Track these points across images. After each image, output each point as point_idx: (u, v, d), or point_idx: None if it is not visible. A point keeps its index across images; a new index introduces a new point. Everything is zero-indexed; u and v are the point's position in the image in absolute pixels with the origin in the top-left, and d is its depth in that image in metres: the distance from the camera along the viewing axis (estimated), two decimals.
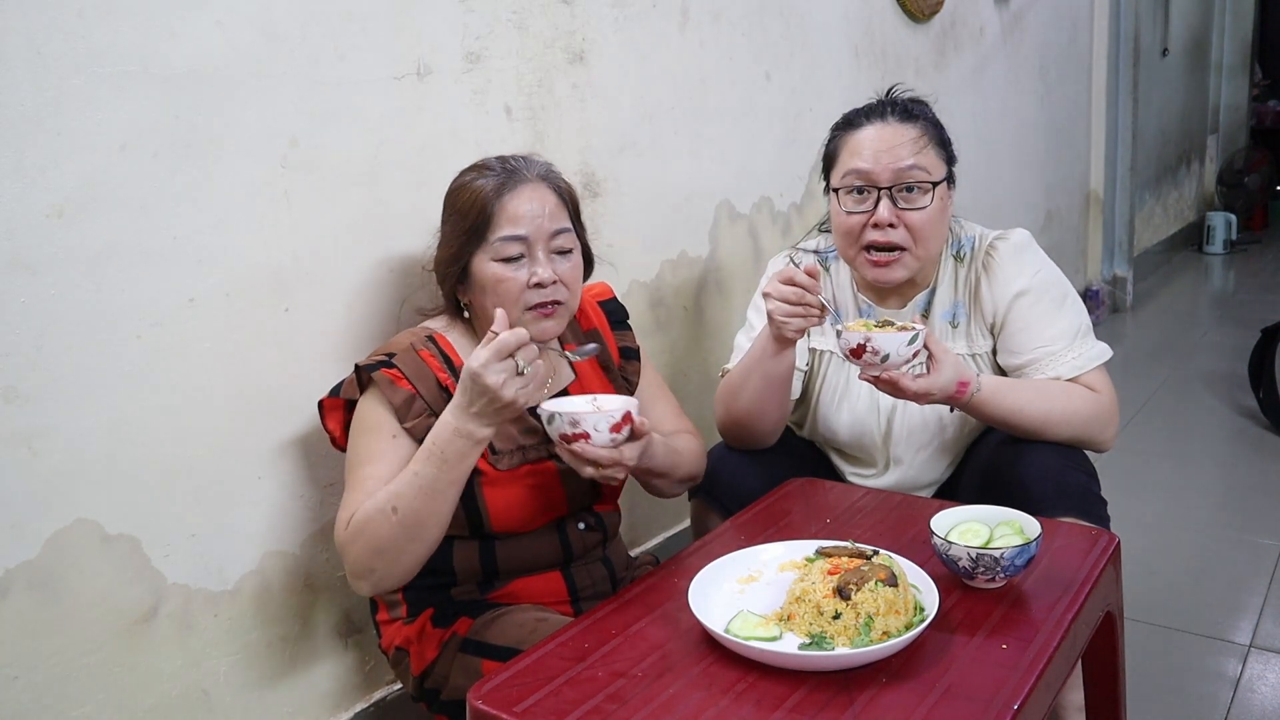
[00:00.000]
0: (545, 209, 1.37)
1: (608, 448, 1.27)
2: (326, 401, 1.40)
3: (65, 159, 1.22)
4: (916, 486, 1.71)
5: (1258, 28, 7.47)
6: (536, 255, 1.36)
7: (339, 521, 1.31)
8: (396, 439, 1.32)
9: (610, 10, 1.98)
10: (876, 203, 1.56)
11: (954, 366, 1.48)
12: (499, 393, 1.18)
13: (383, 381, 1.33)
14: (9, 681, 1.22)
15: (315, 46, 1.47)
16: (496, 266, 1.35)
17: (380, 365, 1.34)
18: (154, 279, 1.31)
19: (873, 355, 1.40)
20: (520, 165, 1.39)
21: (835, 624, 1.10)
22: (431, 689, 1.37)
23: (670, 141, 2.16)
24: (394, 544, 1.24)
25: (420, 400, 1.34)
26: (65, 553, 1.26)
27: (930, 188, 1.56)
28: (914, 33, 3.11)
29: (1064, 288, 1.63)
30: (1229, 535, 2.59)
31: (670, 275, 2.21)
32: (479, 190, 1.36)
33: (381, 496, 1.25)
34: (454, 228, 1.38)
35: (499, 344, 1.18)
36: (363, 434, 1.34)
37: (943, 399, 1.50)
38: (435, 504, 1.24)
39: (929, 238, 1.58)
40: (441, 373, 1.37)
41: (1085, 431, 1.57)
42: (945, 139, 1.64)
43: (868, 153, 1.58)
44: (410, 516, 1.23)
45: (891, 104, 1.64)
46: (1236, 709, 1.87)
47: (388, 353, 1.37)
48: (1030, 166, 4.13)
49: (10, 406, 1.19)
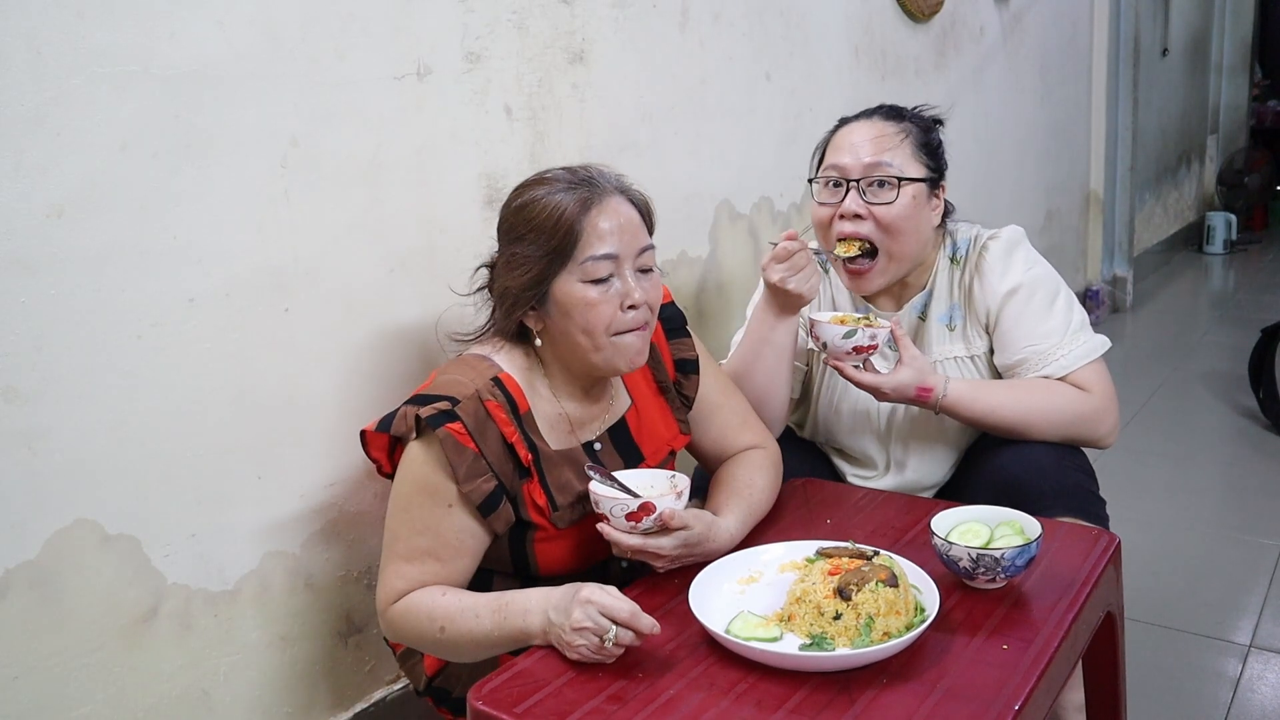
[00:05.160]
0: (631, 224, 1.29)
1: (631, 533, 1.23)
2: (371, 435, 1.31)
3: (65, 159, 1.21)
4: (917, 488, 1.71)
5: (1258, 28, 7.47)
6: (625, 274, 1.27)
7: (386, 586, 1.27)
8: (452, 509, 1.24)
9: (610, 10, 1.98)
10: (845, 194, 1.58)
11: (917, 371, 1.54)
12: (571, 635, 1.10)
13: (446, 440, 1.22)
14: (9, 681, 1.22)
15: (315, 46, 1.46)
16: (586, 289, 1.25)
17: (443, 419, 1.22)
18: (154, 279, 1.31)
19: (816, 340, 1.54)
20: (595, 177, 1.30)
21: (836, 624, 1.11)
22: (442, 688, 1.37)
23: (670, 141, 2.16)
24: (430, 649, 1.28)
25: (483, 461, 1.24)
26: (65, 553, 1.26)
27: (897, 184, 1.56)
28: (914, 33, 3.11)
29: (1056, 284, 1.63)
30: (1229, 535, 2.59)
31: (670, 275, 2.21)
32: (560, 206, 1.25)
33: (438, 610, 1.21)
34: (533, 249, 1.26)
35: (618, 611, 1.09)
36: (418, 493, 1.25)
37: (899, 398, 1.56)
38: (477, 651, 1.23)
39: (900, 233, 1.58)
40: (508, 427, 1.26)
41: (1075, 429, 1.57)
42: (932, 146, 1.64)
43: (845, 146, 1.61)
44: (452, 643, 1.22)
45: (885, 106, 1.66)
46: (1236, 709, 1.87)
47: (450, 396, 1.25)
48: (1030, 166, 4.13)
49: (10, 406, 1.19)
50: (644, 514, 1.23)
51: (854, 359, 1.52)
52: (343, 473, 1.56)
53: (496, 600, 1.19)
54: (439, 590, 1.24)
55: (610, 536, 1.24)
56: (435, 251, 1.63)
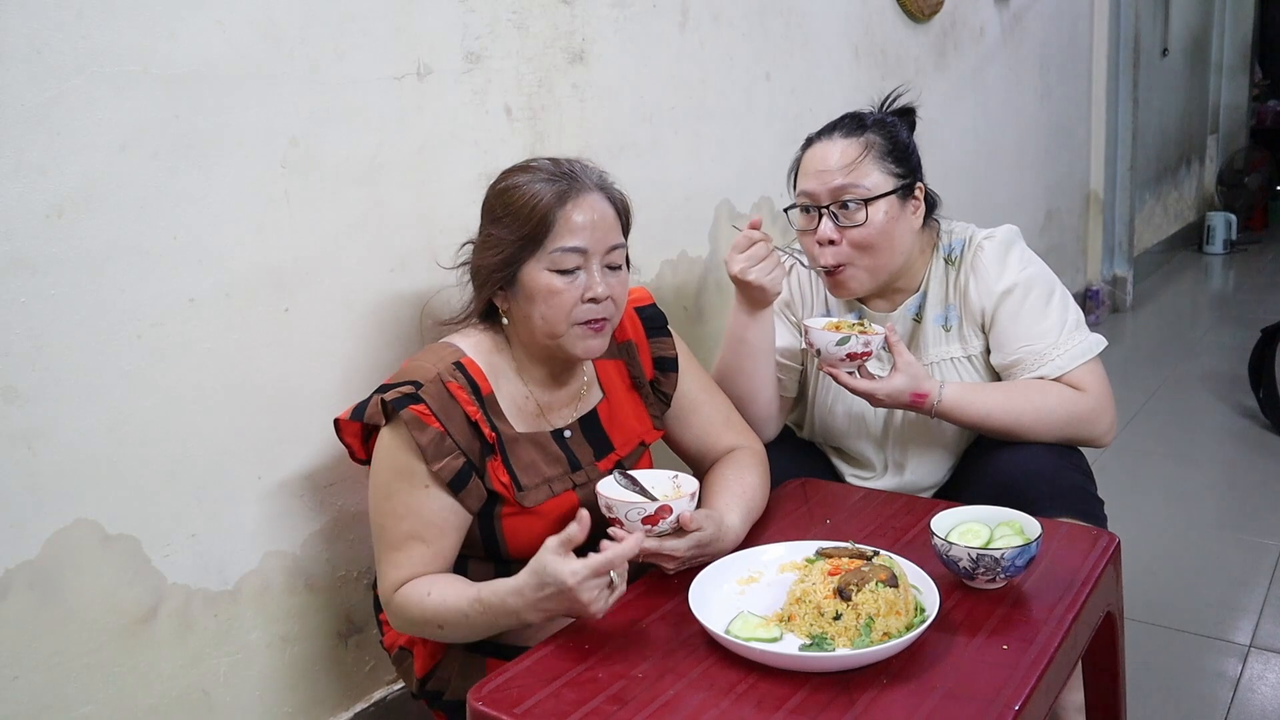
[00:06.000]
0: (605, 221, 1.32)
1: (646, 536, 1.23)
2: (344, 423, 1.35)
3: (65, 159, 1.21)
4: (916, 489, 1.71)
5: (1258, 28, 7.47)
6: (592, 269, 1.31)
7: (385, 578, 1.29)
8: (429, 489, 1.27)
9: (610, 10, 1.98)
10: (819, 221, 1.58)
11: (910, 377, 1.53)
12: (587, 608, 1.12)
13: (410, 420, 1.26)
14: (9, 681, 1.22)
15: (315, 46, 1.46)
16: (551, 277, 1.30)
17: (407, 401, 1.27)
18: (154, 279, 1.31)
19: (810, 347, 1.53)
20: (577, 171, 1.34)
21: (836, 625, 1.11)
22: (434, 690, 1.37)
23: (670, 141, 2.16)
24: (435, 638, 1.31)
25: (449, 439, 1.28)
26: (65, 553, 1.26)
27: (863, 205, 1.55)
28: (914, 33, 3.11)
29: (1051, 284, 1.63)
30: (1229, 535, 2.59)
31: (670, 275, 2.21)
32: (538, 195, 1.29)
33: (430, 607, 1.24)
34: (507, 232, 1.31)
35: (602, 562, 1.11)
36: (394, 478, 1.28)
37: (893, 404, 1.56)
38: (476, 635, 1.26)
39: (876, 249, 1.57)
40: (470, 406, 1.30)
41: (1070, 430, 1.57)
42: (900, 151, 1.60)
43: (810, 172, 1.60)
44: (457, 637, 1.27)
45: (848, 118, 1.64)
46: (1236, 709, 1.87)
47: (413, 381, 1.29)
48: (1030, 166, 4.13)
49: (10, 406, 1.19)
50: (661, 517, 1.23)
51: (848, 365, 1.52)
52: (343, 473, 1.56)
53: (476, 601, 1.21)
54: (424, 589, 1.26)
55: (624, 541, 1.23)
56: (435, 252, 1.63)
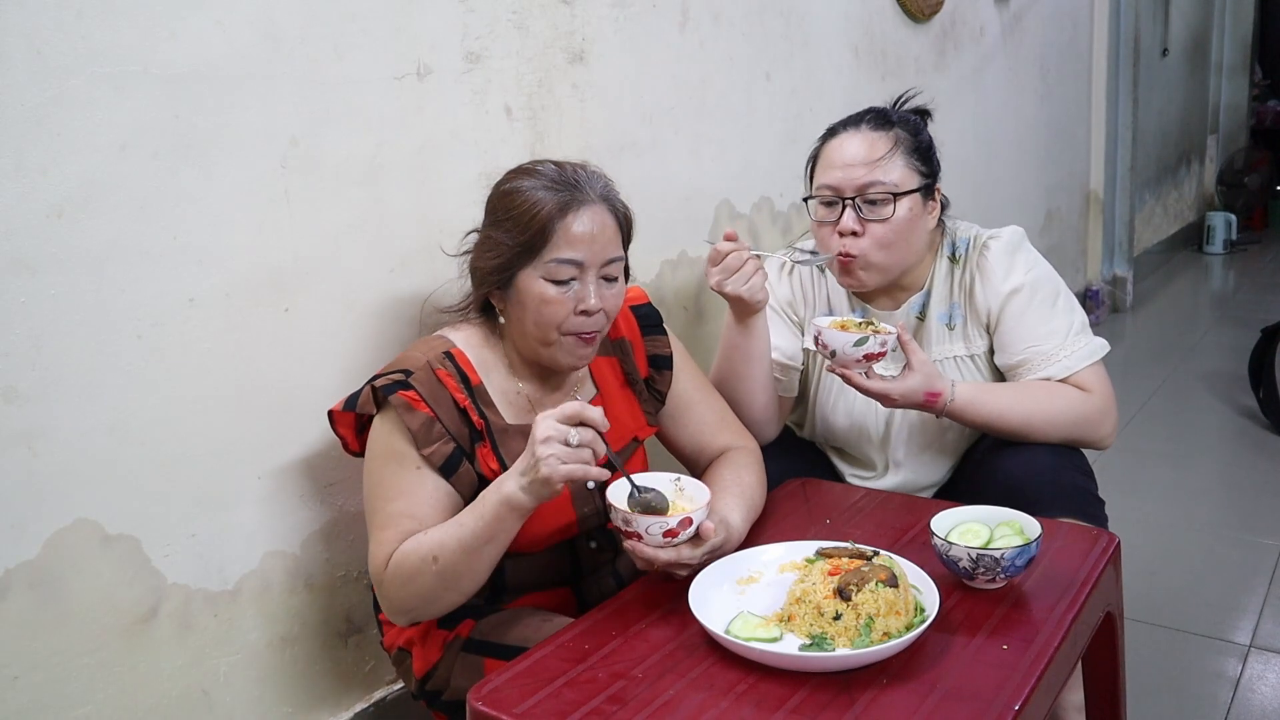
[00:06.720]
0: (605, 234, 1.32)
1: (663, 548, 1.23)
2: (338, 414, 1.36)
3: (65, 159, 1.21)
4: (916, 489, 1.71)
5: (1258, 28, 7.47)
6: (587, 281, 1.31)
7: (375, 558, 1.28)
8: (420, 471, 1.28)
9: (610, 10, 1.98)
10: (842, 212, 1.58)
11: (925, 376, 1.52)
12: (537, 448, 1.13)
13: (400, 405, 1.27)
14: (9, 681, 1.22)
15: (315, 46, 1.46)
16: (546, 286, 1.30)
17: (397, 387, 1.28)
18: (154, 279, 1.31)
19: (824, 349, 1.50)
20: (581, 180, 1.33)
21: (836, 625, 1.11)
22: (433, 690, 1.37)
23: (670, 141, 2.16)
24: (432, 592, 1.24)
25: (439, 424, 1.29)
26: (65, 553, 1.26)
27: (891, 199, 1.56)
28: (914, 33, 3.11)
29: (1056, 285, 1.64)
30: (1229, 535, 2.59)
31: (670, 275, 2.21)
32: (539, 204, 1.29)
33: (425, 544, 1.22)
34: (507, 237, 1.31)
35: (567, 410, 1.15)
36: (385, 463, 1.30)
37: (907, 404, 1.54)
38: (472, 561, 1.22)
39: (891, 245, 1.58)
40: (459, 393, 1.32)
41: (1076, 432, 1.58)
42: (924, 150, 1.62)
43: (836, 163, 1.60)
44: (449, 569, 1.22)
45: (872, 112, 1.64)
46: (1236, 709, 1.87)
47: (403, 369, 1.31)
48: (1030, 166, 4.12)
49: (10, 406, 1.19)
50: (681, 529, 1.22)
51: (862, 366, 1.51)
52: (343, 473, 1.56)
53: (470, 506, 1.22)
54: (419, 533, 1.26)
55: (643, 554, 1.22)
56: (435, 251, 1.63)
